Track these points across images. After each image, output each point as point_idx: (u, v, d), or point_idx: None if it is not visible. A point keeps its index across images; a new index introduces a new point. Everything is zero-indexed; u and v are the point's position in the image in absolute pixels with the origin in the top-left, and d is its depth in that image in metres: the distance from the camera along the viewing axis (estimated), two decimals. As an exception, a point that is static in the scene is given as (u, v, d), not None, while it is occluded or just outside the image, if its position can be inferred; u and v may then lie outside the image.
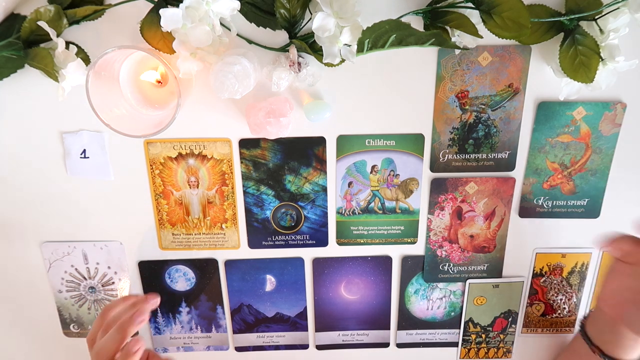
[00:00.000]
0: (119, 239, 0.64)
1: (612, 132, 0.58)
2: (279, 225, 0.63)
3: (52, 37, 0.48)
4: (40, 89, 0.55)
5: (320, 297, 0.67)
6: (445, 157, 0.60)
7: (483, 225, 0.63)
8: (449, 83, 0.56)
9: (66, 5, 0.50)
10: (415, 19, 0.51)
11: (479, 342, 0.71)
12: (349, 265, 0.65)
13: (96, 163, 0.59)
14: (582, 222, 0.63)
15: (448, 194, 0.61)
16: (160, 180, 0.60)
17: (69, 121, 0.57)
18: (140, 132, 0.50)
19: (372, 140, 0.59)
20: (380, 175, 0.60)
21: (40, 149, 0.58)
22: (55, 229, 0.63)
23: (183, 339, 0.70)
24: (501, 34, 0.48)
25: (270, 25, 0.51)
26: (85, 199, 0.61)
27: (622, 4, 0.48)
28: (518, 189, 0.61)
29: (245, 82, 0.49)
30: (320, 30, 0.46)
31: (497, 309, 0.69)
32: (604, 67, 0.51)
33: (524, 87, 0.56)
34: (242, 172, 0.60)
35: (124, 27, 0.52)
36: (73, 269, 0.65)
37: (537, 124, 0.58)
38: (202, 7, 0.45)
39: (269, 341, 0.70)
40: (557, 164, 0.60)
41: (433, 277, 0.66)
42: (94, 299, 0.67)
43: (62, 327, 0.69)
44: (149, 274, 0.66)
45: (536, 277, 0.67)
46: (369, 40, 0.49)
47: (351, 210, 0.62)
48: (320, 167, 0.60)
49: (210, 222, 0.63)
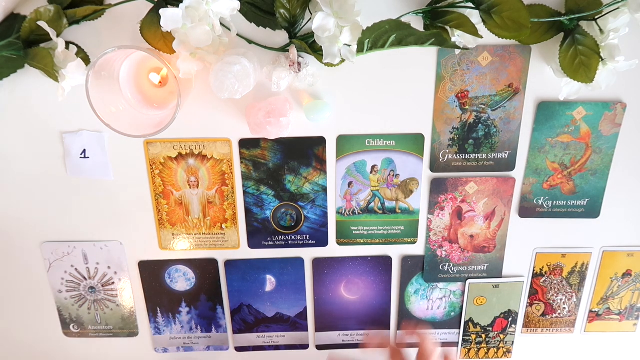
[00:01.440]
0: (119, 239, 0.64)
1: (612, 132, 0.58)
2: (279, 225, 0.63)
3: (52, 37, 0.48)
4: (40, 89, 0.55)
5: (320, 297, 0.67)
6: (445, 157, 0.60)
7: (483, 225, 0.63)
8: (449, 83, 0.56)
9: (66, 5, 0.50)
10: (415, 19, 0.51)
11: (479, 342, 0.71)
12: (349, 265, 0.65)
13: (96, 163, 0.59)
14: (582, 222, 0.63)
15: (448, 194, 0.61)
16: (160, 180, 0.60)
17: (69, 121, 0.57)
18: (140, 132, 0.50)
19: (372, 140, 0.59)
20: (380, 175, 0.60)
21: (40, 149, 0.58)
22: (55, 229, 0.63)
23: (183, 339, 0.70)
24: (501, 34, 0.48)
25: (270, 25, 0.51)
26: (85, 199, 0.61)
27: (622, 4, 0.48)
28: (518, 189, 0.61)
29: (245, 82, 0.49)
30: (320, 30, 0.46)
31: (497, 309, 0.69)
32: (604, 67, 0.51)
33: (524, 87, 0.56)
34: (242, 172, 0.60)
35: (124, 27, 0.52)
36: (73, 269, 0.65)
37: (537, 124, 0.58)
38: (202, 7, 0.45)
39: (269, 341, 0.70)
40: (557, 164, 0.60)
41: (433, 277, 0.66)
42: (94, 299, 0.67)
43: (62, 327, 0.69)
44: (149, 274, 0.66)
45: (536, 277, 0.67)
46: (369, 40, 0.49)
47: (351, 210, 0.62)
48: (320, 167, 0.60)
49: (210, 222, 0.63)
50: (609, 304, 0.69)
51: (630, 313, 0.70)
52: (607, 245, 0.65)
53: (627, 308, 0.69)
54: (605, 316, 0.70)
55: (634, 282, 0.68)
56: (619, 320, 0.70)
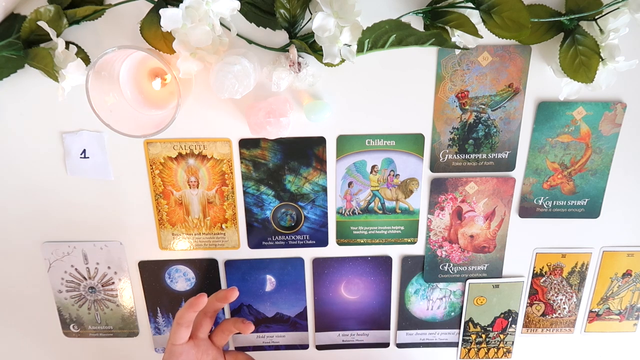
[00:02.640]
0: (119, 239, 0.64)
1: (612, 132, 0.58)
2: (279, 225, 0.63)
3: (52, 37, 0.48)
4: (40, 89, 0.55)
5: (320, 297, 0.67)
6: (445, 157, 0.60)
7: (483, 225, 0.63)
8: (449, 83, 0.56)
9: (66, 5, 0.50)
10: (415, 19, 0.51)
11: (479, 342, 0.71)
12: (349, 265, 0.65)
13: (96, 163, 0.59)
14: (582, 222, 0.63)
15: (448, 194, 0.61)
16: (160, 180, 0.60)
17: (69, 121, 0.57)
18: (140, 132, 0.50)
19: (372, 140, 0.59)
20: (380, 175, 0.60)
21: (40, 149, 0.58)
22: (55, 229, 0.63)
23: (183, 339, 0.70)
24: (501, 34, 0.48)
25: (270, 25, 0.51)
26: (85, 199, 0.61)
27: (622, 4, 0.48)
28: (518, 189, 0.61)
29: (245, 82, 0.49)
30: (320, 30, 0.46)
31: (497, 309, 0.69)
32: (604, 67, 0.51)
33: (524, 87, 0.56)
34: (242, 172, 0.60)
35: (124, 27, 0.52)
36: (73, 269, 0.65)
37: (537, 124, 0.58)
38: (202, 7, 0.45)
39: (269, 341, 0.70)
40: (557, 164, 0.60)
41: (433, 277, 0.66)
42: (94, 299, 0.67)
43: (62, 327, 0.69)
44: (149, 274, 0.66)
45: (536, 277, 0.67)
46: (369, 40, 0.49)
47: (351, 210, 0.62)
48: (320, 167, 0.60)
49: (210, 222, 0.63)
50: (609, 304, 0.69)
51: (630, 313, 0.70)
52: (607, 245, 0.65)
53: (627, 308, 0.69)
54: (605, 316, 0.70)
55: (634, 282, 0.68)
56: (619, 321, 0.70)
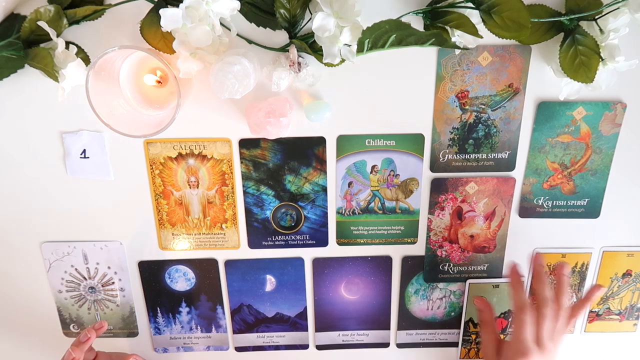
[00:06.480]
0: (119, 239, 0.64)
1: (612, 132, 0.58)
2: (279, 225, 0.63)
3: (52, 37, 0.48)
4: (40, 89, 0.55)
5: (320, 297, 0.67)
6: (445, 157, 0.60)
7: (483, 225, 0.63)
8: (449, 83, 0.56)
9: (66, 5, 0.50)
10: (415, 19, 0.51)
11: (479, 342, 0.71)
12: (349, 265, 0.65)
13: (96, 163, 0.59)
14: (582, 222, 0.63)
15: (448, 194, 0.61)
16: (160, 180, 0.60)
17: (69, 121, 0.57)
18: (140, 132, 0.50)
19: (372, 140, 0.59)
20: (380, 175, 0.60)
21: (40, 149, 0.58)
22: (55, 229, 0.63)
23: (183, 339, 0.70)
24: (501, 34, 0.48)
25: (270, 25, 0.51)
26: (85, 199, 0.61)
27: (622, 4, 0.48)
28: (518, 189, 0.61)
29: (245, 82, 0.49)
30: (320, 30, 0.46)
31: (497, 309, 0.68)
32: (604, 67, 0.51)
33: (524, 87, 0.56)
34: (242, 172, 0.60)
35: (124, 27, 0.52)
36: (73, 269, 0.65)
37: (537, 124, 0.58)
38: (202, 7, 0.45)
39: (269, 341, 0.70)
40: (557, 164, 0.60)
41: (433, 277, 0.66)
42: (94, 299, 0.67)
43: (62, 327, 0.69)
44: (149, 274, 0.66)
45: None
46: (369, 40, 0.49)
47: (351, 210, 0.62)
48: (320, 167, 0.60)
49: (210, 222, 0.63)
50: (609, 304, 0.69)
51: (630, 313, 0.70)
52: (607, 245, 0.65)
53: (627, 308, 0.69)
54: (605, 316, 0.70)
55: (634, 282, 0.68)
56: (619, 321, 0.70)
